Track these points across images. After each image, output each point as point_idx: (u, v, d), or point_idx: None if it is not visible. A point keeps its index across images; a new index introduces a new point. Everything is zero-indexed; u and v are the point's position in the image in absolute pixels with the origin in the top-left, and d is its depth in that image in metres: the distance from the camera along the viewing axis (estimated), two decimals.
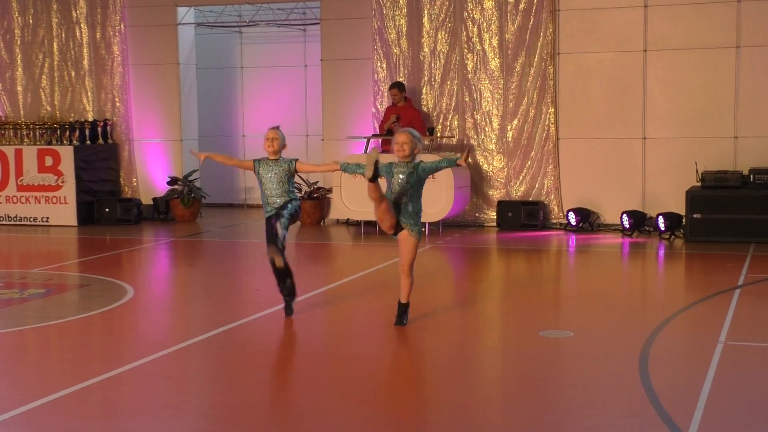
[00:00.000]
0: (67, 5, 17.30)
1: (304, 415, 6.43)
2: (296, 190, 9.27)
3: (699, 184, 13.95)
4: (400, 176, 8.44)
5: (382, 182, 8.41)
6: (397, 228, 8.46)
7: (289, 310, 9.05)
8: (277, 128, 9.22)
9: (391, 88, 15.27)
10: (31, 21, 17.53)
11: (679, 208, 14.00)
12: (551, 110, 15.12)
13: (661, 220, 14.04)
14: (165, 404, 6.70)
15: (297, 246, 14.08)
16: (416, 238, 8.50)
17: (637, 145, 14.82)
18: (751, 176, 13.74)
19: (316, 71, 17.24)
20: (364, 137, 15.48)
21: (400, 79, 15.69)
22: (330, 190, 15.73)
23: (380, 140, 15.12)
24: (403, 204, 8.45)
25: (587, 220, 14.90)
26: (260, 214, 17.59)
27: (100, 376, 7.25)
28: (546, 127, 15.17)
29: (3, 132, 16.90)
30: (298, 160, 9.13)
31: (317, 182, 16.28)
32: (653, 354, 7.68)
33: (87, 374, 7.28)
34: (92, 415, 6.43)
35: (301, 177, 16.71)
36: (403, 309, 8.70)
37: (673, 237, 13.94)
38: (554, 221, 15.24)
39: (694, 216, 13.62)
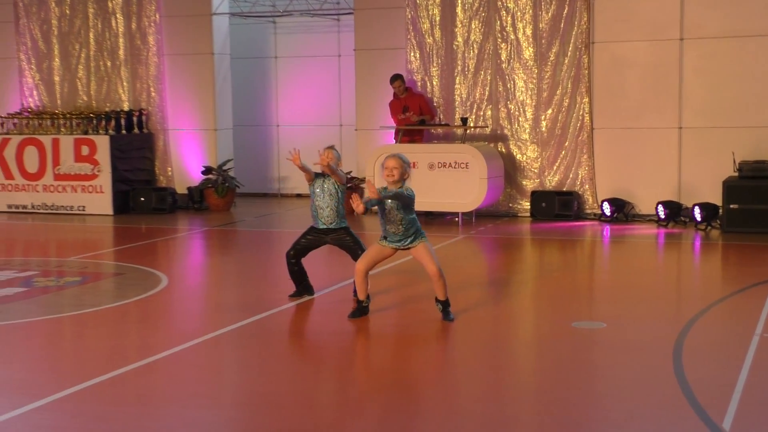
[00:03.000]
0: None
1: (333, 404, 6.45)
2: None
3: (736, 174, 13.83)
4: (390, 201, 8.32)
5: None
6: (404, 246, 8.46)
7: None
8: (331, 148, 9.21)
9: (393, 80, 15.29)
10: (67, 11, 17.64)
11: (716, 198, 13.90)
12: (585, 100, 15.04)
13: (697, 210, 13.95)
14: (197, 393, 6.74)
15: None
16: (424, 242, 8.46)
17: (673, 134, 14.71)
18: None
19: (349, 61, 17.24)
20: (397, 127, 15.46)
21: (433, 70, 15.70)
22: (363, 180, 15.71)
23: (397, 138, 15.25)
24: (401, 224, 8.36)
25: (622, 211, 14.82)
26: (294, 203, 17.72)
27: (134, 363, 7.31)
28: (580, 117, 15.10)
29: (40, 121, 17.04)
30: (346, 176, 9.34)
31: (351, 172, 16.28)
32: (687, 345, 7.63)
33: (121, 362, 7.34)
34: (126, 403, 6.48)
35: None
36: (445, 306, 8.66)
37: (709, 228, 13.84)
38: (588, 211, 15.17)
39: (731, 206, 13.51)
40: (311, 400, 6.64)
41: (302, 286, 9.47)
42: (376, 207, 8.45)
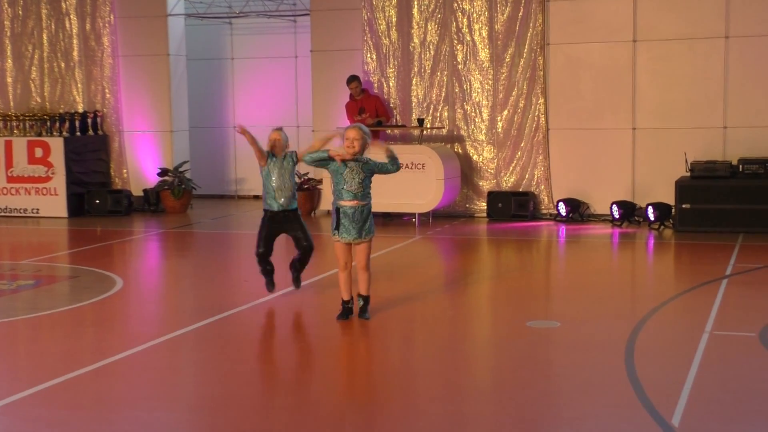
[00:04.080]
0: None
1: (290, 406, 6.47)
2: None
3: (688, 174, 13.99)
4: (351, 172, 8.45)
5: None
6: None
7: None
8: (279, 129, 9.53)
9: (350, 82, 15.35)
10: (20, 12, 17.50)
11: (669, 198, 14.05)
12: (541, 101, 15.15)
13: (650, 210, 14.09)
14: (153, 395, 6.73)
15: (287, 237, 14.07)
16: (369, 242, 8.62)
17: (627, 135, 14.85)
18: (740, 166, 13.78)
19: (306, 62, 17.26)
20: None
21: (390, 71, 15.76)
22: (320, 182, 15.75)
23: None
24: (360, 204, 8.48)
25: (577, 211, 14.94)
26: (251, 204, 17.69)
27: (89, 366, 7.28)
28: (536, 118, 15.20)
29: None
30: (295, 151, 9.53)
31: (307, 173, 16.31)
32: (639, 344, 7.72)
33: (76, 365, 7.31)
34: (81, 406, 6.46)
35: None
36: (366, 301, 8.76)
37: (662, 227, 14.00)
38: (544, 212, 15.28)
39: (684, 206, 13.66)
40: (267, 402, 6.67)
41: (270, 277, 9.59)
42: (326, 167, 8.63)
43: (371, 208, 8.61)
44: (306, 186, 16.25)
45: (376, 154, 8.71)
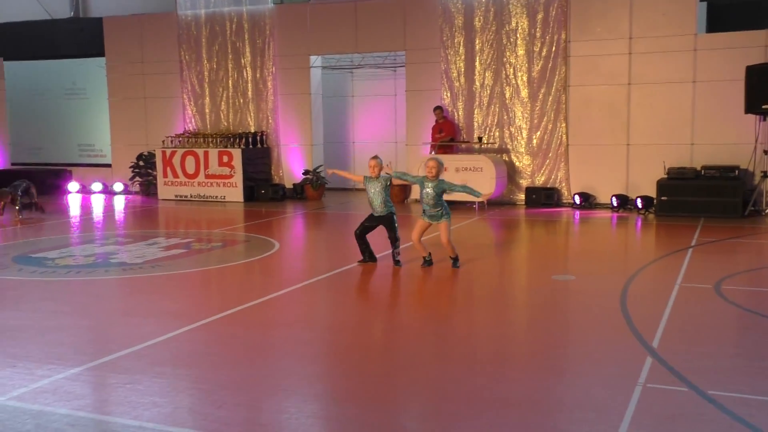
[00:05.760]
0: (238, 55, 17.56)
1: (386, 329, 6.48)
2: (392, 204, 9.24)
3: (666, 176, 13.63)
4: (428, 189, 8.51)
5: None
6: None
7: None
8: (376, 157, 9.07)
9: (435, 109, 15.30)
10: (215, 66, 17.84)
11: (652, 192, 13.73)
12: (563, 125, 14.91)
13: (639, 201, 13.78)
14: (299, 320, 6.82)
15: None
16: (446, 221, 8.63)
17: (623, 149, 14.53)
18: (702, 171, 13.40)
19: (402, 98, 17.24)
20: (433, 143, 15.48)
21: (459, 104, 15.67)
22: None
23: (433, 150, 15.21)
24: (434, 208, 8.59)
25: (587, 201, 14.68)
26: (364, 195, 17.71)
27: (257, 299, 7.43)
28: (559, 137, 14.97)
29: (196, 140, 17.28)
30: (390, 177, 9.04)
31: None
32: (630, 292, 7.59)
33: (249, 298, 7.46)
34: (252, 326, 6.59)
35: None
36: (455, 260, 8.82)
37: (647, 213, 13.66)
38: (565, 201, 15.04)
39: (663, 198, 13.33)
40: (371, 325, 6.70)
41: (367, 254, 9.36)
42: (419, 193, 8.70)
43: (446, 207, 8.71)
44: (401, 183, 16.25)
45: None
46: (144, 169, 18.27)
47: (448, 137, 15.21)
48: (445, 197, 8.84)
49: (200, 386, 5.06)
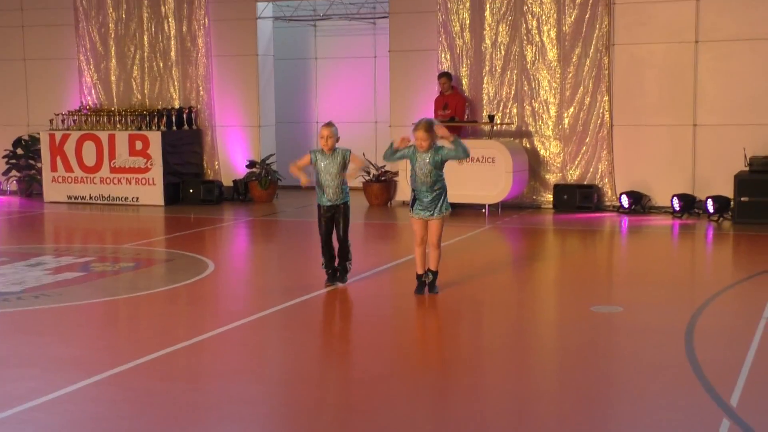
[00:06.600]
0: (157, 1, 17.52)
1: (365, 380, 6.50)
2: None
3: (747, 168, 13.72)
4: (425, 160, 8.69)
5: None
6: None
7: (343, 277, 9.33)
8: (330, 125, 9.35)
9: (440, 77, 15.38)
10: (123, 16, 17.77)
11: (728, 191, 13.81)
12: (606, 98, 14.99)
13: (710, 202, 13.87)
14: (241, 369, 6.81)
15: (365, 225, 14.17)
16: (441, 219, 8.80)
17: (688, 131, 14.62)
18: None
19: (384, 62, 17.26)
20: None
21: (463, 70, 15.72)
22: (396, 173, 15.77)
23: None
24: (433, 188, 8.66)
25: (639, 203, 14.75)
26: None
27: (184, 342, 7.39)
28: (600, 115, 15.04)
29: (98, 119, 17.19)
30: (350, 151, 9.36)
31: (384, 166, 16.33)
32: (698, 328, 7.62)
33: (172, 341, 7.43)
34: (175, 378, 6.56)
35: (369, 161, 16.81)
36: (435, 276, 8.94)
37: (721, 219, 13.75)
38: (607, 203, 15.11)
39: (742, 199, 13.41)
40: (345, 376, 6.70)
41: (331, 269, 9.40)
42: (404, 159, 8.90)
43: (445, 190, 8.80)
44: (383, 178, 16.28)
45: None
46: (23, 159, 18.13)
47: (450, 116, 15.23)
48: (448, 196, 8.88)
49: None
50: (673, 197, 14.36)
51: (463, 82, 15.78)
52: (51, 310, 8.57)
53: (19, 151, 18.08)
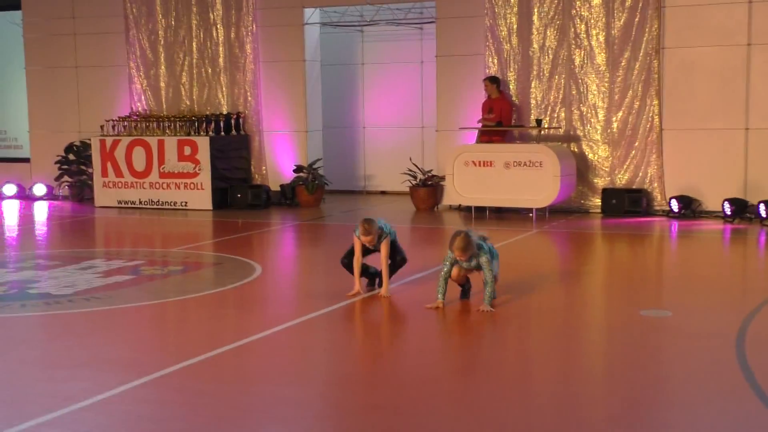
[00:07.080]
0: (205, 8, 17.68)
1: (412, 383, 6.49)
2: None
3: None
4: (464, 265, 8.65)
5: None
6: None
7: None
8: (370, 222, 9.01)
9: (485, 80, 15.34)
10: (173, 23, 17.96)
11: None
12: (655, 102, 14.86)
13: (762, 207, 13.70)
14: (288, 371, 6.83)
15: (412, 229, 14.17)
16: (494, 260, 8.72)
17: (740, 135, 14.45)
18: None
19: (431, 67, 17.26)
20: (474, 128, 15.49)
21: (510, 75, 15.68)
22: (443, 178, 15.75)
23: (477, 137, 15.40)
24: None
25: (689, 207, 14.61)
26: (378, 199, 17.82)
27: (230, 344, 7.43)
28: (650, 119, 14.92)
29: (147, 124, 17.38)
30: (389, 235, 9.12)
31: (431, 170, 16.33)
32: (750, 334, 7.52)
33: (219, 343, 7.47)
34: (223, 380, 6.60)
35: (416, 165, 16.82)
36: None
37: None
38: (657, 208, 14.98)
39: None
40: (392, 379, 6.70)
41: (368, 275, 9.47)
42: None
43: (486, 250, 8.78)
44: (429, 182, 16.27)
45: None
46: (75, 165, 18.38)
47: (496, 120, 15.19)
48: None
49: None
50: (724, 201, 14.20)
51: (511, 87, 15.73)
52: (102, 313, 8.67)
53: (71, 156, 18.34)
